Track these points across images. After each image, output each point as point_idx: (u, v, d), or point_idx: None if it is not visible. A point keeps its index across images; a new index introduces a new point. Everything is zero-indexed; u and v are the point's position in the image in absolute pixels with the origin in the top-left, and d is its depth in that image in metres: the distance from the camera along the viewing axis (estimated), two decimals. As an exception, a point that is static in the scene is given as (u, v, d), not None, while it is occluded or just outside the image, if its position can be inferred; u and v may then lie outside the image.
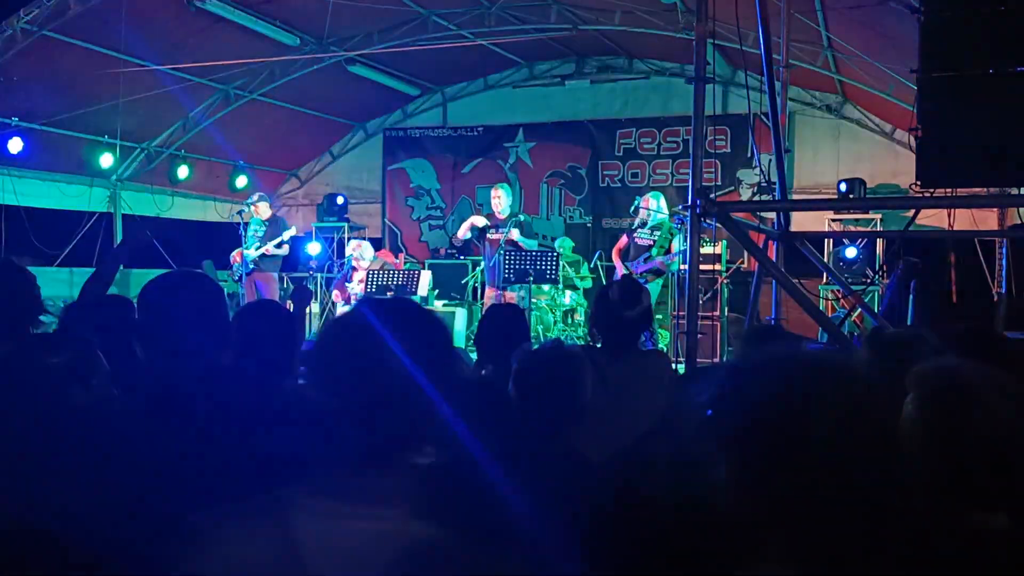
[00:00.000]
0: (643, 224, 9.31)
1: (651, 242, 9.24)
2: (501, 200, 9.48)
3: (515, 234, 9.28)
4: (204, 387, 1.94)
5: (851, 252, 9.97)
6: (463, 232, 9.76)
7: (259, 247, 9.87)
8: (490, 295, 9.47)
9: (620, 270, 9.34)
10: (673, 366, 4.35)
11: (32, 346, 2.20)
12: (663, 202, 9.36)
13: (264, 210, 10.13)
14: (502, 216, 9.44)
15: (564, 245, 10.68)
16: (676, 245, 9.08)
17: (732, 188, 11.46)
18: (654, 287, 8.97)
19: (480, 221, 9.57)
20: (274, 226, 10.04)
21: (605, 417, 2.65)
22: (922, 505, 1.52)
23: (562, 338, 8.40)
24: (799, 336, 4.17)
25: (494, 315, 4.01)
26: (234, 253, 10.07)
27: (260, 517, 1.24)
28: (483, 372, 3.60)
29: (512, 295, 9.19)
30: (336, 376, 1.31)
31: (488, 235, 9.49)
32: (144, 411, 1.98)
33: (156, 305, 2.10)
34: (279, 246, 9.91)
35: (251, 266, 9.89)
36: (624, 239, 9.60)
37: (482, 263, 9.82)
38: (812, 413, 1.18)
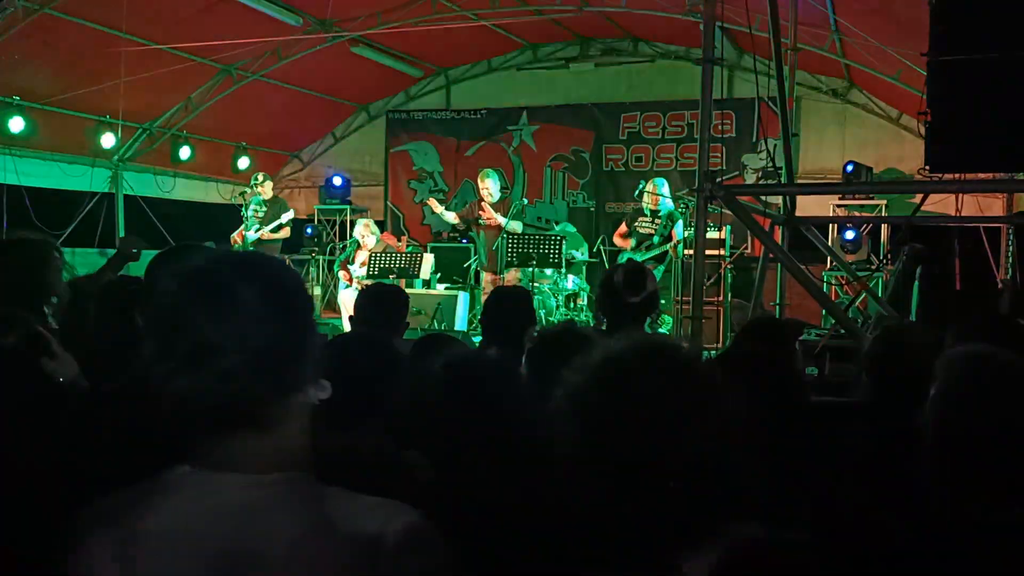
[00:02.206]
0: (647, 213, 9.27)
1: (652, 231, 9.21)
2: (490, 190, 9.49)
3: (515, 226, 9.26)
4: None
5: (849, 234, 9.95)
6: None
7: (259, 230, 9.89)
8: (488, 279, 9.45)
9: (625, 244, 9.34)
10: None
11: None
12: (667, 188, 9.32)
13: (268, 190, 10.19)
14: (492, 200, 9.46)
15: (566, 231, 10.61)
16: (677, 232, 9.04)
17: (737, 173, 11.39)
18: (656, 272, 8.94)
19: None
20: (274, 207, 10.07)
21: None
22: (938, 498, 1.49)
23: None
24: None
25: (500, 297, 3.98)
26: (234, 234, 10.05)
27: None
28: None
29: (512, 278, 9.16)
30: None
31: (480, 222, 9.48)
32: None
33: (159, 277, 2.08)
34: (277, 230, 9.94)
35: (251, 248, 9.88)
36: (624, 225, 9.57)
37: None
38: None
